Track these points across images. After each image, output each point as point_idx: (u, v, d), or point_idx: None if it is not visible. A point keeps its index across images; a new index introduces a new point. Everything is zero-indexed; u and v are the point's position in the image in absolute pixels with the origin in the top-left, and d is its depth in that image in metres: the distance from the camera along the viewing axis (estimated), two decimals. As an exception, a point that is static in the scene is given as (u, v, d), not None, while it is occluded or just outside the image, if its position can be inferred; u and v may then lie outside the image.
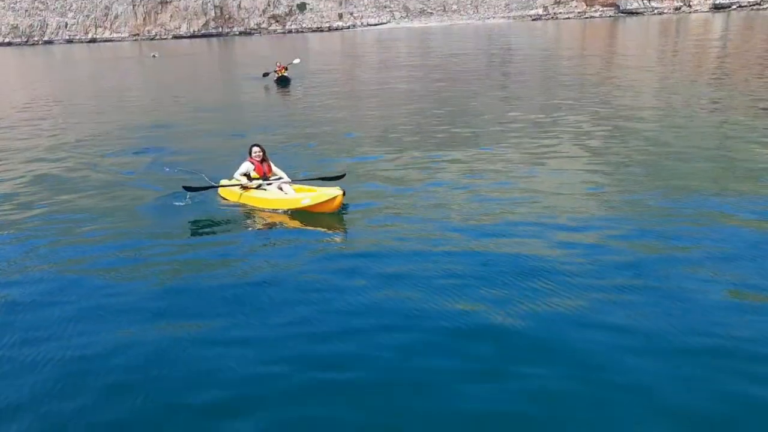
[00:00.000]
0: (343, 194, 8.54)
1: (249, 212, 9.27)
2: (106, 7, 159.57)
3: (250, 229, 8.90)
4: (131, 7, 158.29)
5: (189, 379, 4.92)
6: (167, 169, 12.07)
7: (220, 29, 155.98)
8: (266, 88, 27.74)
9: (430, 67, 37.40)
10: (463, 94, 22.59)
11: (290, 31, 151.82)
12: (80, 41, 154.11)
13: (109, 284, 6.78)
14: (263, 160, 9.65)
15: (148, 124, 18.81)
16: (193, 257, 7.62)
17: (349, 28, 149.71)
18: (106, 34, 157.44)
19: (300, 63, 33.37)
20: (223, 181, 10.10)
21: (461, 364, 4.90)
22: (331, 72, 37.35)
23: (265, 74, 29.77)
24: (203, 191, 9.60)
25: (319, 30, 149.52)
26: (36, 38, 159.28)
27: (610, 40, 56.10)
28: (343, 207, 8.80)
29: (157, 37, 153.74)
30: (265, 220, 8.99)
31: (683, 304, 5.68)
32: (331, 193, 8.55)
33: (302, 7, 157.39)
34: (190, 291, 6.57)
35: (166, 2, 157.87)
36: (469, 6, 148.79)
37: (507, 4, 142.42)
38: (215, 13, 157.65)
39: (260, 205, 9.28)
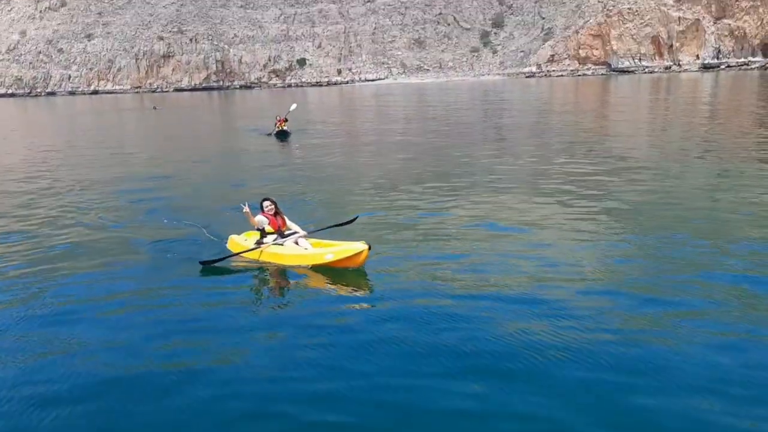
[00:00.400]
0: (369, 249, 8.17)
1: (267, 269, 8.83)
2: (110, 60, 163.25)
3: (268, 287, 8.55)
4: (134, 60, 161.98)
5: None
6: (165, 221, 11.87)
7: (221, 83, 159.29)
8: (266, 141, 27.84)
9: (427, 119, 38.08)
10: (460, 144, 22.86)
11: (290, 86, 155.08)
12: (82, 93, 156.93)
13: (114, 349, 6.38)
14: (276, 213, 9.27)
15: (147, 175, 18.69)
16: (207, 317, 7.12)
17: (347, 83, 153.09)
18: (109, 86, 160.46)
19: (297, 108, 33.90)
20: (234, 237, 9.68)
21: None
22: (330, 124, 37.66)
23: (270, 135, 29.38)
24: (222, 261, 8.95)
25: (318, 84, 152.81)
26: (39, 89, 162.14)
27: (602, 95, 57.40)
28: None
29: (159, 89, 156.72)
30: (285, 277, 8.58)
31: (678, 357, 5.71)
32: (356, 247, 8.20)
33: (302, 62, 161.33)
34: (204, 355, 6.17)
35: (169, 56, 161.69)
36: (464, 63, 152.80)
37: (501, 62, 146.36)
38: (217, 67, 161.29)
39: (279, 262, 8.84)
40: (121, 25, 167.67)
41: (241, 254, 9.06)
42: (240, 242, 9.50)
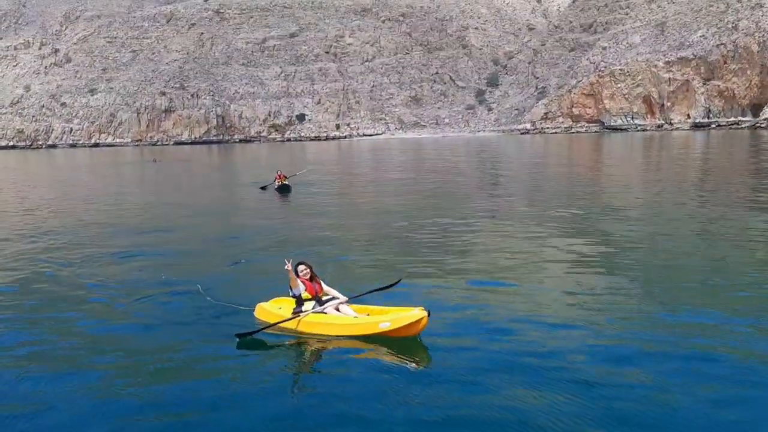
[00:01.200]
0: (429, 315, 7.32)
1: (308, 341, 7.80)
2: (111, 114, 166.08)
3: (311, 361, 7.50)
4: (136, 114, 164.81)
5: None
6: (164, 276, 11.39)
7: (221, 136, 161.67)
8: (267, 196, 26.57)
9: (427, 170, 38.51)
10: (459, 197, 23.07)
11: (289, 140, 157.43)
12: (83, 145, 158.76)
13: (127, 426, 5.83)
14: (312, 278, 8.40)
15: (147, 229, 17.99)
16: (244, 399, 6.24)
17: (345, 137, 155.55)
18: (109, 140, 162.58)
19: (307, 172, 32.68)
20: (263, 305, 8.73)
21: None
22: (331, 180, 37.01)
23: (263, 188, 28.26)
24: (258, 333, 7.96)
25: (317, 139, 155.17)
26: (41, 142, 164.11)
27: (596, 152, 58.33)
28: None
29: (159, 142, 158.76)
30: (330, 350, 7.59)
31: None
32: (414, 314, 7.32)
33: (301, 117, 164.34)
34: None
35: (170, 111, 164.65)
36: (460, 120, 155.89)
37: (497, 119, 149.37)
38: (217, 121, 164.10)
39: (323, 332, 7.85)
40: (125, 80, 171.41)
41: (278, 324, 8.05)
42: (273, 311, 8.53)
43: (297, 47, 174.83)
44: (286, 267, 8.12)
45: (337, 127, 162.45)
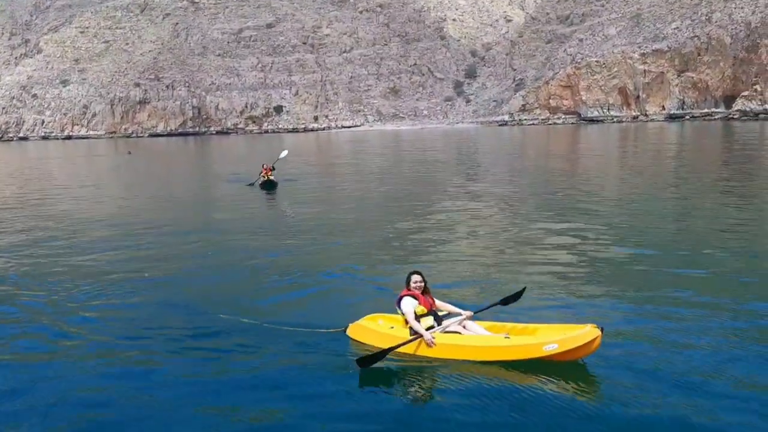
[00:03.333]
0: (602, 332, 6.16)
1: (439, 367, 6.51)
2: (84, 106, 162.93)
3: (454, 395, 5.98)
4: (109, 106, 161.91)
5: None
6: (146, 275, 10.96)
7: (198, 128, 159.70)
8: (252, 193, 24.65)
9: (410, 162, 38.46)
10: (438, 192, 23.05)
11: (266, 132, 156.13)
12: (56, 138, 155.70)
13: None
14: (425, 291, 7.14)
15: (127, 232, 16.02)
16: None
17: (324, 129, 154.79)
18: (83, 132, 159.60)
19: (286, 156, 30.17)
20: (364, 324, 7.49)
21: None
22: (316, 172, 35.80)
23: (250, 185, 26.43)
24: (382, 358, 6.61)
25: (295, 131, 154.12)
26: (11, 134, 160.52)
27: (572, 143, 58.80)
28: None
29: (134, 135, 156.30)
30: (473, 376, 6.23)
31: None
32: (586, 333, 6.12)
33: (279, 109, 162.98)
34: None
35: (145, 102, 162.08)
36: (438, 111, 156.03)
37: (475, 110, 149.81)
38: (193, 113, 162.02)
39: (462, 357, 6.55)
40: (98, 71, 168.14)
41: (401, 346, 6.74)
42: (381, 331, 7.25)
43: (274, 38, 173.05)
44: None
45: (316, 118, 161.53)
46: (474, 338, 6.73)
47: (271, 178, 25.37)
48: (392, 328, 7.23)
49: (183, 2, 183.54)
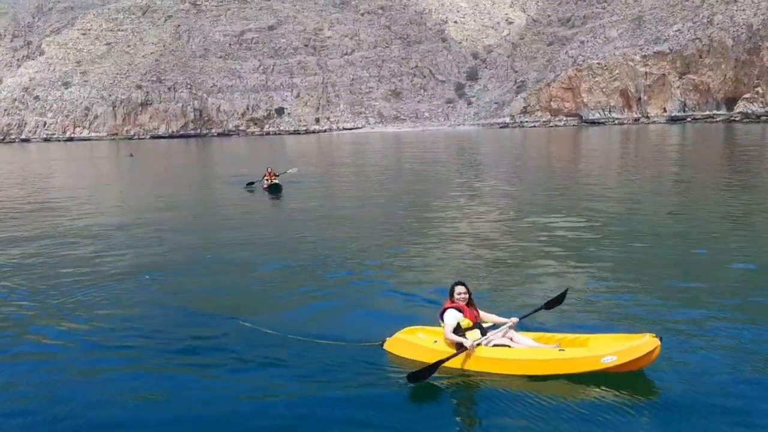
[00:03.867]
0: (661, 341, 5.90)
1: (484, 382, 6.17)
2: (86, 108, 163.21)
3: (507, 413, 5.62)
4: (111, 108, 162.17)
5: None
6: (147, 277, 10.77)
7: (199, 130, 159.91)
8: (260, 196, 23.81)
9: (417, 161, 38.47)
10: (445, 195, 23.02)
11: (268, 133, 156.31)
12: (57, 140, 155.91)
13: None
14: (470, 302, 6.82)
15: (133, 239, 15.40)
16: None
17: (325, 131, 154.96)
18: (84, 133, 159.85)
19: (295, 173, 28.65)
20: (403, 337, 7.07)
21: None
22: (321, 175, 34.87)
23: (250, 184, 25.86)
24: (433, 372, 6.22)
25: (297, 133, 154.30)
26: (13, 136, 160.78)
27: (574, 145, 58.79)
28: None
29: (135, 136, 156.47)
30: (522, 391, 5.89)
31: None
32: (645, 343, 5.87)
33: (280, 111, 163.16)
34: None
35: (147, 104, 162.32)
36: (440, 113, 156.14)
37: (476, 113, 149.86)
38: (195, 115, 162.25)
39: (515, 371, 6.22)
40: (100, 73, 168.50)
41: (449, 360, 6.41)
42: (424, 344, 6.86)
43: (275, 40, 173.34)
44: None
45: (317, 120, 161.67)
46: (526, 351, 6.40)
47: (276, 181, 24.55)
48: (435, 342, 6.83)
49: (185, 4, 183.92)
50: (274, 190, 23.94)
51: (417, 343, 6.89)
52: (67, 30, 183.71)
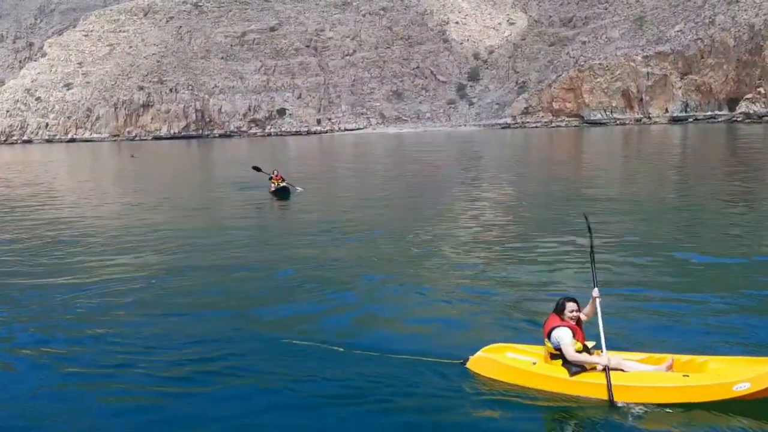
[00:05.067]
0: None
1: (606, 410, 5.55)
2: (88, 109, 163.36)
3: None
4: (113, 109, 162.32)
5: None
6: (153, 281, 10.66)
7: (201, 131, 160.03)
8: (262, 202, 22.70)
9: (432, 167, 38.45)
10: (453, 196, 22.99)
11: (269, 134, 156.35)
12: (59, 141, 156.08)
13: None
14: (578, 321, 6.17)
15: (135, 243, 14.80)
16: None
17: (327, 132, 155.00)
18: (86, 135, 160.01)
19: (304, 192, 25.26)
20: (490, 357, 6.37)
21: None
22: (329, 179, 33.66)
23: (256, 168, 24.88)
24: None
25: (298, 133, 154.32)
26: (15, 137, 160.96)
27: (576, 146, 58.75)
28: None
29: (137, 138, 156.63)
30: (646, 421, 5.34)
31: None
32: None
33: (282, 112, 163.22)
34: None
35: (148, 105, 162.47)
36: (441, 114, 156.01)
37: (477, 113, 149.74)
38: (196, 116, 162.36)
39: (637, 399, 5.58)
40: (101, 74, 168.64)
41: (560, 379, 5.85)
42: (522, 367, 6.18)
43: (277, 41, 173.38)
44: (595, 296, 6.03)
45: (318, 121, 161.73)
46: (648, 377, 5.79)
47: (283, 184, 23.18)
48: (535, 364, 6.16)
49: (186, 6, 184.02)
50: (282, 194, 22.64)
51: (511, 365, 6.17)
52: (69, 31, 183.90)
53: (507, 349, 6.48)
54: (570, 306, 6.09)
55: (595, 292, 6.16)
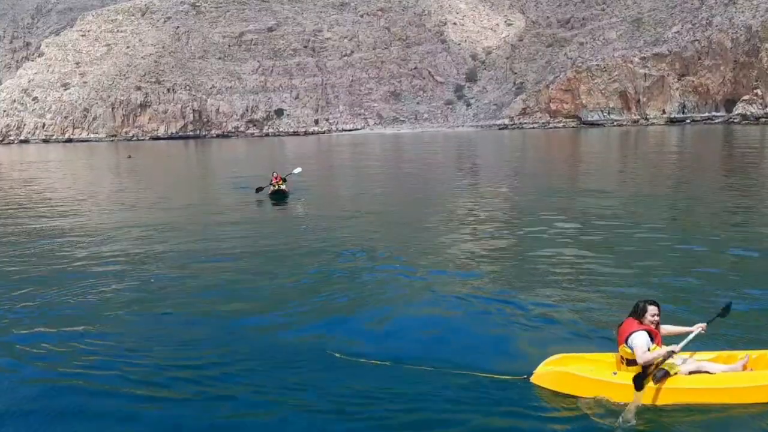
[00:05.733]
0: None
1: (693, 416, 5.27)
2: (85, 109, 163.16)
3: None
4: (110, 109, 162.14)
5: None
6: (152, 280, 10.65)
7: (198, 131, 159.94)
8: (259, 204, 22.34)
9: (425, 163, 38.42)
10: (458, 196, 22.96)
11: (267, 135, 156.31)
12: (57, 141, 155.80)
13: None
14: (657, 325, 5.88)
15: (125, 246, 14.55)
16: None
17: (324, 132, 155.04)
18: (84, 135, 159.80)
19: (301, 172, 27.09)
20: (558, 370, 5.89)
21: None
22: (328, 180, 33.29)
23: (259, 189, 24.15)
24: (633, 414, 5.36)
25: (296, 134, 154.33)
26: (12, 137, 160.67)
27: (574, 147, 58.79)
28: None
29: (134, 138, 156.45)
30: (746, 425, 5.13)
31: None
32: None
33: (280, 112, 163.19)
34: None
35: (146, 105, 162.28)
36: (439, 115, 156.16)
37: (475, 114, 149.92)
38: (194, 116, 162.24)
39: (725, 400, 5.34)
40: (99, 74, 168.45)
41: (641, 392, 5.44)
42: (599, 377, 5.71)
43: (274, 41, 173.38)
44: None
45: (316, 122, 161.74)
46: (737, 377, 5.47)
47: (282, 187, 22.98)
48: (615, 374, 5.69)
49: (184, 6, 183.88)
50: (279, 197, 22.54)
51: (588, 377, 5.68)
52: (67, 31, 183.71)
53: (573, 359, 5.97)
54: (651, 310, 5.77)
55: (703, 326, 5.87)
